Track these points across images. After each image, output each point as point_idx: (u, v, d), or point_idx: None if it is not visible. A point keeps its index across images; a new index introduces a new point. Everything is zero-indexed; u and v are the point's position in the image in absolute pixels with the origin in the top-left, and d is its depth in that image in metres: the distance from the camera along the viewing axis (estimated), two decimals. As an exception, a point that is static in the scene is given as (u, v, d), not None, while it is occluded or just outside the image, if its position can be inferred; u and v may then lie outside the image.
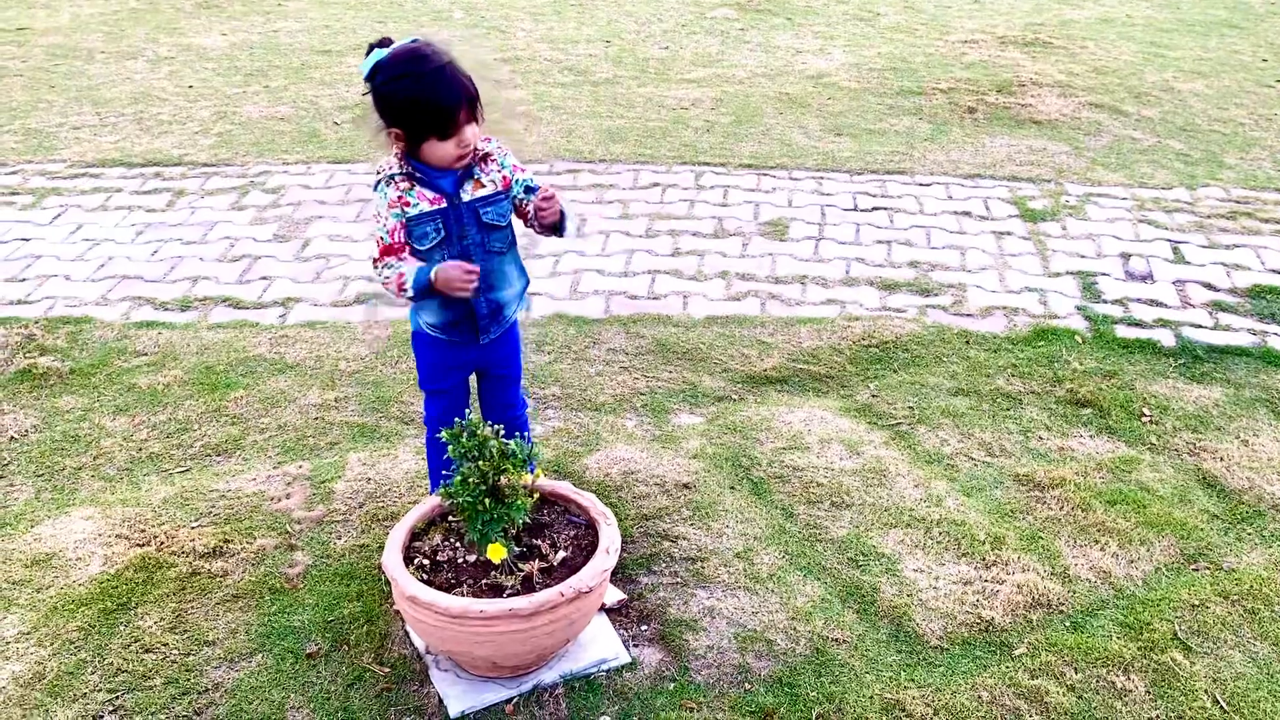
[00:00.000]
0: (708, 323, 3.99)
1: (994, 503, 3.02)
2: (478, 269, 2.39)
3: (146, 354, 3.78)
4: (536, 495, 2.48)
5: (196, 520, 2.95)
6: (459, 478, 2.37)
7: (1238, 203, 5.00)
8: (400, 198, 2.42)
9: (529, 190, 2.54)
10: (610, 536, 2.48)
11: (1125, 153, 5.64)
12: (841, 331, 3.91)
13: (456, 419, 2.44)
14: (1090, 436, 3.31)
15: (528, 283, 2.68)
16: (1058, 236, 4.67)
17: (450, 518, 2.54)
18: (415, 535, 2.54)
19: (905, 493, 3.05)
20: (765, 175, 5.32)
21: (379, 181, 2.46)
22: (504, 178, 2.51)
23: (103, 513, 2.97)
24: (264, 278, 4.34)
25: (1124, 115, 6.18)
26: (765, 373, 3.67)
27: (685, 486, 3.06)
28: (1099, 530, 2.89)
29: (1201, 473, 3.14)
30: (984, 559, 2.79)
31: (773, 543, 2.86)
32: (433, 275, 2.38)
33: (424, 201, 2.42)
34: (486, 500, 2.36)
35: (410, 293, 2.42)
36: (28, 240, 4.64)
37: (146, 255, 4.52)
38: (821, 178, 5.30)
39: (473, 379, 2.78)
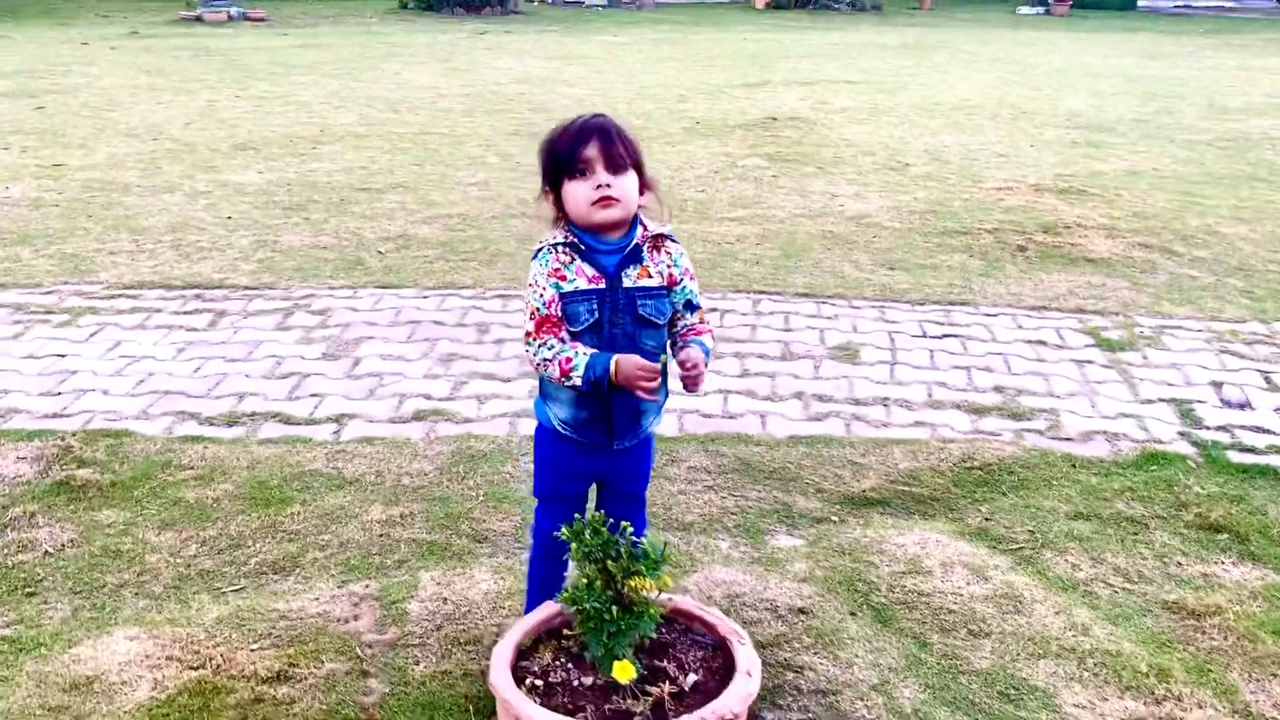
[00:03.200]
0: (791, 442, 3.74)
1: (1147, 632, 2.71)
2: (659, 367, 2.12)
3: (193, 468, 3.50)
4: (671, 604, 2.17)
5: (256, 642, 2.61)
6: (583, 581, 2.07)
7: (1317, 336, 4.84)
8: (558, 270, 2.20)
9: (690, 306, 2.33)
10: (748, 658, 2.16)
11: (1187, 289, 5.52)
12: (938, 453, 3.65)
13: (576, 515, 2.16)
14: (1233, 563, 3.02)
15: (667, 395, 2.41)
16: (1140, 365, 4.48)
17: (565, 633, 2.23)
18: (521, 654, 2.22)
19: (1046, 620, 2.74)
20: (825, 303, 5.17)
21: (539, 250, 2.24)
22: (671, 274, 2.28)
23: (149, 632, 2.63)
24: (314, 395, 4.10)
25: (1176, 255, 6.10)
26: (864, 494, 3.40)
27: (801, 612, 2.75)
28: (1273, 663, 2.57)
29: (1365, 602, 2.84)
30: (1152, 693, 2.47)
31: (910, 674, 2.53)
32: (613, 366, 2.11)
33: (582, 278, 2.20)
34: (614, 609, 2.06)
35: (579, 382, 2.15)
36: (63, 356, 4.42)
37: (189, 372, 4.29)
38: (883, 306, 5.15)
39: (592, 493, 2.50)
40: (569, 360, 2.15)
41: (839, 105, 11.35)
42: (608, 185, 2.16)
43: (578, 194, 2.18)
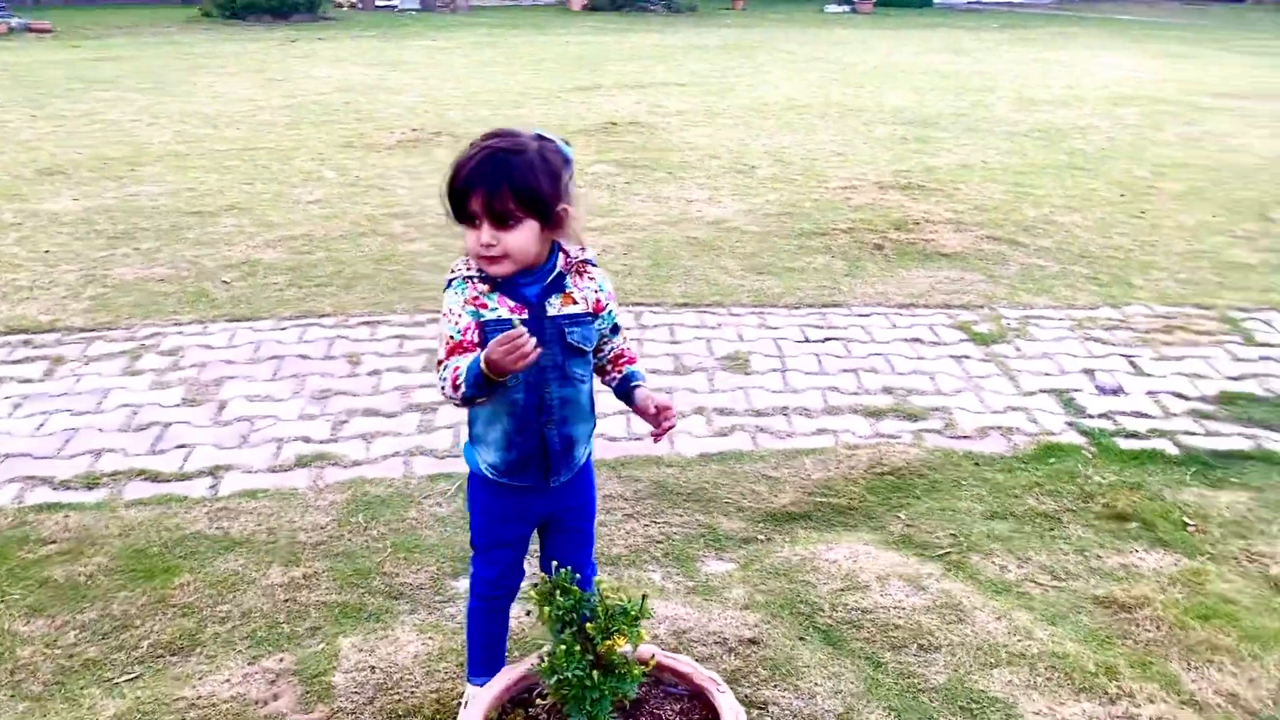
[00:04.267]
0: (703, 460, 3.66)
1: (1085, 630, 2.75)
2: (518, 330, 1.90)
3: (55, 541, 3.12)
4: (653, 661, 2.04)
5: (166, 739, 2.33)
6: (560, 647, 1.92)
7: (1164, 318, 5.12)
8: (477, 299, 2.03)
9: (614, 330, 2.20)
10: (731, 707, 2.05)
11: (1039, 279, 5.76)
12: (847, 461, 3.64)
13: (543, 576, 2.01)
14: (1146, 551, 3.12)
15: (594, 423, 2.27)
16: (1015, 358, 4.62)
17: (538, 700, 2.06)
18: (488, 727, 2.04)
19: (989, 627, 2.74)
20: (705, 312, 5.13)
21: (453, 280, 2.06)
22: (597, 300, 2.14)
23: (37, 742, 2.31)
24: (181, 446, 3.75)
25: (1022, 246, 6.36)
26: (784, 509, 3.35)
27: (752, 643, 2.67)
28: (1207, 649, 2.65)
29: (1270, 579, 2.98)
30: (1105, 692, 2.50)
31: (872, 698, 2.48)
32: (483, 360, 1.93)
33: (504, 308, 2.03)
34: (595, 674, 1.91)
35: (465, 389, 1.98)
36: (-125, 420, 3.90)
37: (30, 430, 3.85)
38: (761, 312, 5.14)
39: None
40: (456, 370, 1.99)
41: (674, 108, 11.39)
42: (491, 244, 2.00)
43: (469, 241, 2.02)
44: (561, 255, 2.12)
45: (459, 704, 2.40)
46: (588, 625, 1.92)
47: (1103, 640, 2.70)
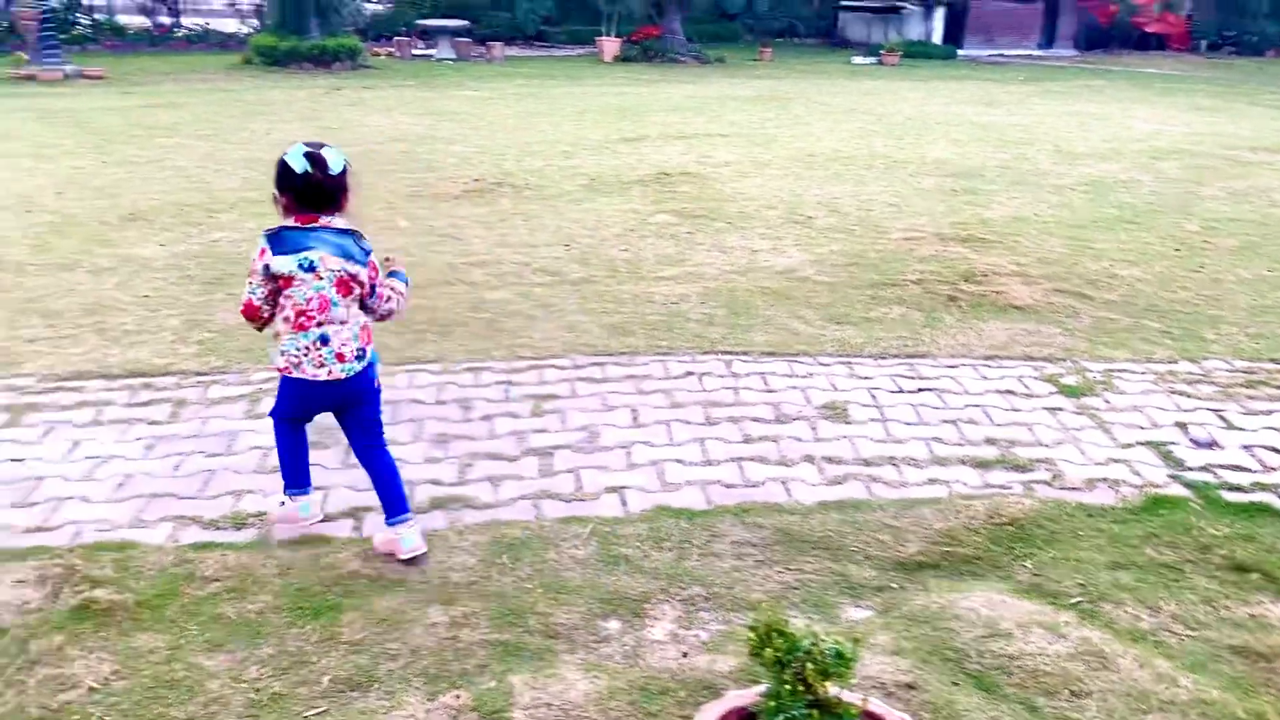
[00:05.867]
0: (823, 509, 3.78)
1: (1227, 678, 2.86)
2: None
3: (219, 579, 3.26)
4: (865, 703, 2.15)
5: (370, 771, 2.45)
6: (785, 687, 2.04)
7: (1245, 373, 5.24)
8: None
9: None
10: (930, 744, 2.16)
11: (1112, 331, 5.89)
12: (965, 511, 3.76)
13: (755, 618, 2.13)
14: (1272, 602, 3.23)
15: None
16: (1106, 410, 4.75)
17: (754, 733, 2.18)
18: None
19: (1134, 674, 2.85)
20: (794, 362, 5.26)
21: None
22: None
23: (247, 772, 2.43)
24: (318, 488, 3.88)
25: (1090, 299, 6.50)
26: (913, 558, 3.47)
27: (909, 687, 2.78)
28: (1350, 696, 2.75)
29: (1396, 630, 3.08)
30: (1259, 738, 2.60)
31: (1035, 740, 2.59)
32: None
33: None
34: (815, 711, 2.03)
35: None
36: (21, 461, 4.05)
37: (168, 470, 4.00)
38: (849, 362, 5.28)
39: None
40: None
41: (721, 159, 11.60)
42: None
43: None
44: None
45: None
46: (808, 667, 2.04)
47: (1247, 689, 2.81)
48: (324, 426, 3.77)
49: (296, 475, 3.52)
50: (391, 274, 3.46)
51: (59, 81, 16.93)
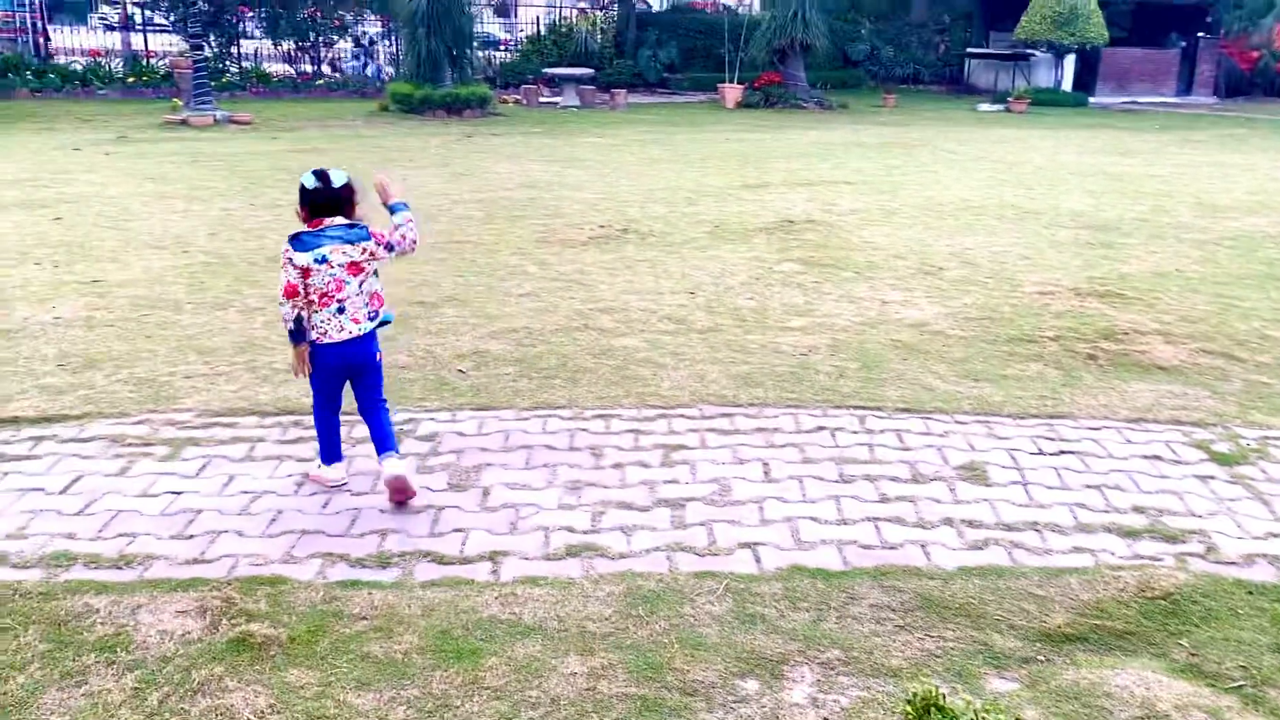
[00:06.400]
0: (964, 574, 3.70)
1: None
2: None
3: (366, 617, 3.36)
4: (1027, 782, 2.10)
5: (514, 820, 2.47)
6: (942, 763, 2.00)
7: None
8: None
9: None
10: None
11: (1267, 396, 5.63)
12: (1114, 583, 3.63)
13: (913, 690, 2.09)
14: None
15: None
16: (1263, 480, 4.53)
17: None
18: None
19: (1307, 766, 2.69)
20: (929, 419, 5.18)
21: None
22: None
23: (397, 813, 2.48)
24: (457, 530, 3.98)
25: (1240, 361, 6.23)
26: (1060, 630, 3.36)
27: (1062, 764, 2.68)
28: None
29: None
30: None
31: (1199, 832, 2.46)
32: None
33: None
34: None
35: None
36: (180, 494, 4.25)
37: (317, 508, 4.15)
38: (987, 422, 5.17)
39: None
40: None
41: (847, 207, 11.55)
42: None
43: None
44: None
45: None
46: (970, 742, 2.00)
47: None
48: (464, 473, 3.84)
49: (330, 451, 4.35)
50: (392, 210, 4.28)
51: (209, 126, 17.89)
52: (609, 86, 26.04)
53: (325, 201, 4.02)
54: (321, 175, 4.03)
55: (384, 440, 4.21)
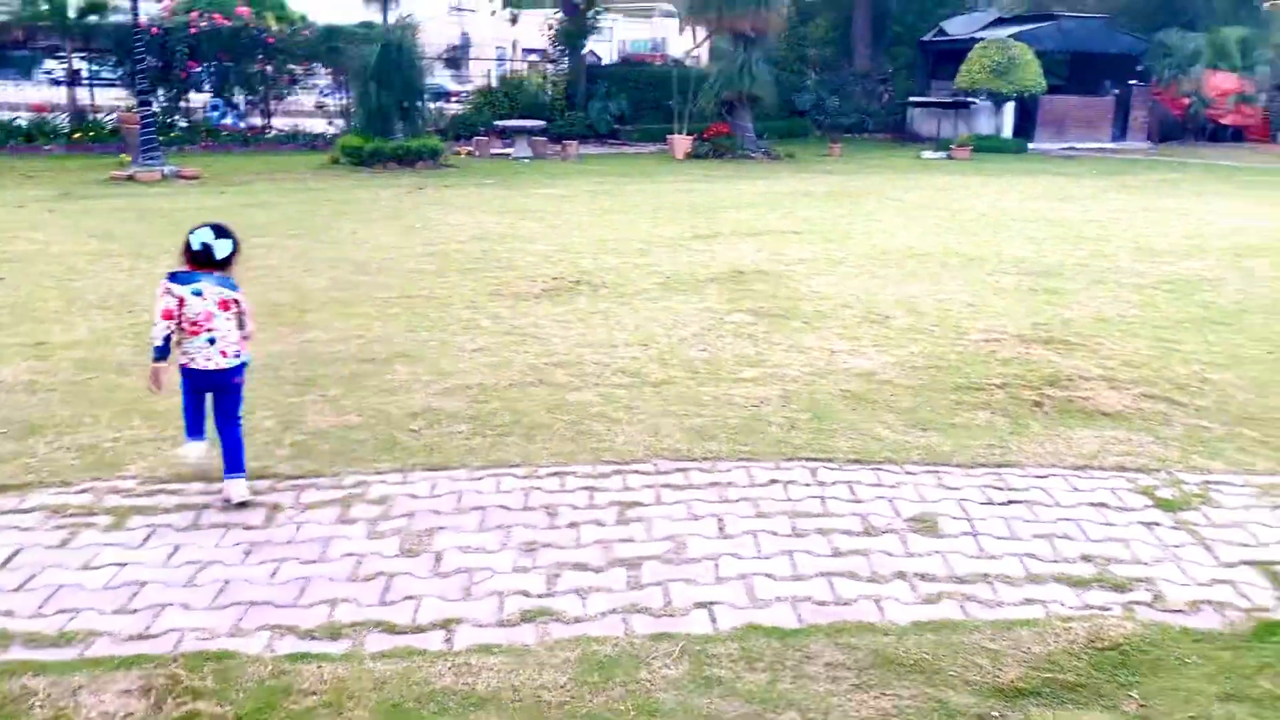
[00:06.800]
0: (917, 629, 3.72)
1: (1357, 824, 2.71)
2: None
3: (316, 692, 3.30)
4: None
5: None
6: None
7: (1352, 487, 5.06)
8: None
9: None
10: None
11: (1207, 440, 5.75)
12: (1064, 634, 3.67)
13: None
14: (1399, 740, 3.07)
15: None
16: (1206, 526, 4.62)
17: None
18: None
19: (1256, 818, 2.72)
20: (880, 470, 5.22)
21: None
22: None
23: None
24: (409, 597, 3.93)
25: (1181, 405, 6.37)
26: (1013, 685, 3.39)
27: (1017, 824, 2.69)
28: None
29: None
30: None
31: None
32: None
33: None
34: None
35: None
36: (124, 565, 4.17)
37: (266, 577, 4.09)
38: (936, 472, 5.22)
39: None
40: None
41: (795, 256, 11.70)
42: None
43: None
44: None
45: None
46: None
47: (1379, 838, 2.66)
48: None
49: (194, 428, 4.85)
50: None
51: (157, 181, 17.74)
52: (560, 138, 26.25)
53: (206, 263, 4.61)
54: (207, 247, 4.58)
55: (233, 463, 4.77)
